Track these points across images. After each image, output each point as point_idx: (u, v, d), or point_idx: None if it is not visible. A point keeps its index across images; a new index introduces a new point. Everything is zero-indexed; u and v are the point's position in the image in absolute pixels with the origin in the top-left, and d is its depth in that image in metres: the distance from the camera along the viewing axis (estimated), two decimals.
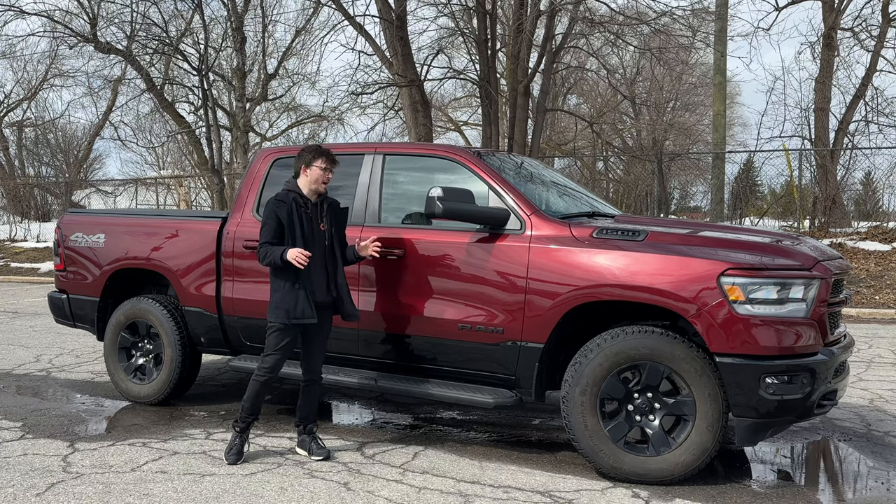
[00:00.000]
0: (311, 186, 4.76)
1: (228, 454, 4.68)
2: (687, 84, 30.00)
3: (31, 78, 31.91)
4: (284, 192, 4.77)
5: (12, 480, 4.30)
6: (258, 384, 4.73)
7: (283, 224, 4.65)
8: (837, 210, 16.54)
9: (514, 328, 4.66)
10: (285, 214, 4.66)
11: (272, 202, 4.73)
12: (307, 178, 4.76)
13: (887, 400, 6.41)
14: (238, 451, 4.70)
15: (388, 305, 5.08)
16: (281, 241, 4.66)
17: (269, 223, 4.68)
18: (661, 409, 4.35)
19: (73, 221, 6.65)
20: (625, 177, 28.84)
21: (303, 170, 4.77)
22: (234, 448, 4.70)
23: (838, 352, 4.44)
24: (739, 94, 41.45)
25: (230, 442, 4.77)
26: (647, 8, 15.78)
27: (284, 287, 4.63)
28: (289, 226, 4.66)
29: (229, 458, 4.66)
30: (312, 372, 4.88)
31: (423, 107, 16.03)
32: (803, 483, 4.67)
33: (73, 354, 8.31)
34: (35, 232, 23.12)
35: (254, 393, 4.74)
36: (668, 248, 4.37)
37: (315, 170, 4.73)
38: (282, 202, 4.70)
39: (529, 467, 4.65)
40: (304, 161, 4.77)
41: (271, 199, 4.76)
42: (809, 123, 18.41)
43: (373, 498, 4.09)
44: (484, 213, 4.74)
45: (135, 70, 21.67)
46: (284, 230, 4.66)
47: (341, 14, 16.44)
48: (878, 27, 17.68)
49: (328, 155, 4.79)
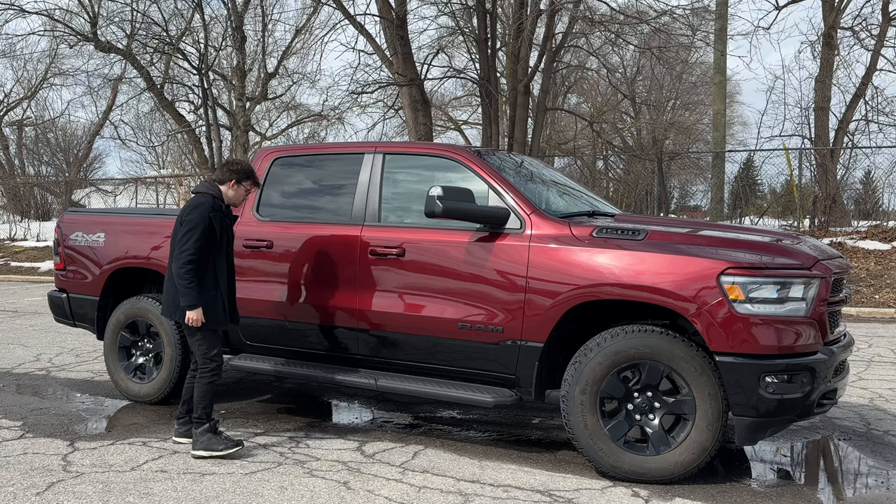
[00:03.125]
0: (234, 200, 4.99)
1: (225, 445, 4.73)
2: (687, 83, 30.03)
3: (31, 77, 31.99)
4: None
5: (12, 480, 4.30)
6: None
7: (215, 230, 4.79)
8: (837, 209, 16.54)
9: (514, 327, 4.66)
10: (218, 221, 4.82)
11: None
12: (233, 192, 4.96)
13: (887, 399, 6.42)
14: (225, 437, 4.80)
15: (388, 305, 5.08)
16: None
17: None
18: (661, 408, 4.35)
19: (73, 220, 6.64)
20: (625, 176, 28.86)
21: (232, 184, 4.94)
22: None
23: (838, 351, 4.44)
24: (739, 93, 41.54)
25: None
26: (648, 7, 15.79)
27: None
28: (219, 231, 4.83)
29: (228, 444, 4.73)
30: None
31: (423, 106, 16.03)
32: (803, 482, 4.67)
33: (72, 353, 8.31)
34: (35, 231, 23.11)
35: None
36: (669, 248, 4.37)
37: (241, 189, 4.96)
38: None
39: (529, 466, 4.65)
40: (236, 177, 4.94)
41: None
42: (809, 122, 18.44)
43: (373, 497, 4.09)
44: (484, 213, 4.74)
45: (135, 69, 21.67)
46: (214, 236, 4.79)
47: (341, 13, 16.46)
48: (878, 26, 17.69)
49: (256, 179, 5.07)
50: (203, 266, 4.72)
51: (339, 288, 5.26)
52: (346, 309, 5.20)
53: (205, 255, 4.72)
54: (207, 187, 4.92)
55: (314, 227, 5.42)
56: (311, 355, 5.50)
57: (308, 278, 5.38)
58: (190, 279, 4.65)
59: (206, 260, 4.73)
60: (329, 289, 5.29)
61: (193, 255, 4.66)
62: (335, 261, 5.28)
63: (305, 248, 5.37)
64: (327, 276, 5.31)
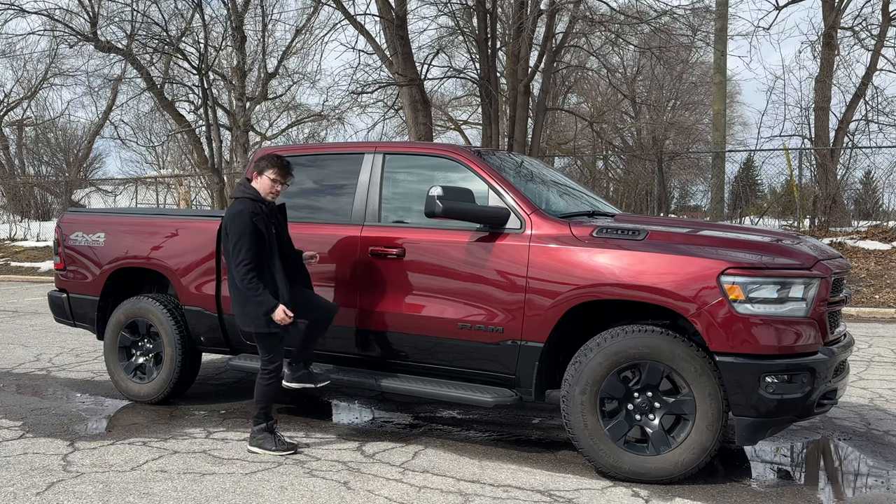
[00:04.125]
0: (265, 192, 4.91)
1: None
2: (687, 83, 30.03)
3: (31, 77, 31.98)
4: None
5: (12, 479, 4.30)
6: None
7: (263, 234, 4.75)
8: (837, 209, 16.54)
9: (514, 327, 4.66)
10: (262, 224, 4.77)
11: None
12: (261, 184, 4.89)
13: (887, 399, 6.42)
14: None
15: (388, 304, 5.08)
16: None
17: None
18: (661, 408, 4.35)
19: (73, 220, 6.64)
20: (625, 176, 28.85)
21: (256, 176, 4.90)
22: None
23: (838, 351, 4.44)
24: (740, 93, 41.52)
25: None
26: (648, 7, 15.80)
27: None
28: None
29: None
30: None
31: (423, 106, 16.02)
32: (803, 482, 4.67)
33: (73, 353, 8.31)
34: (35, 231, 23.12)
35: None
36: (669, 248, 4.37)
37: (265, 179, 4.87)
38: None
39: (529, 466, 4.65)
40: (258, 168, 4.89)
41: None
42: (809, 122, 18.44)
43: (373, 497, 4.09)
44: (484, 213, 4.74)
45: (135, 69, 21.66)
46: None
47: (341, 13, 16.46)
48: (879, 26, 17.69)
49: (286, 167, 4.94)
50: (260, 271, 4.70)
51: (339, 288, 5.27)
52: (345, 309, 5.20)
53: (257, 259, 4.70)
54: (242, 190, 4.88)
55: (314, 227, 5.42)
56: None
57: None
58: (255, 286, 4.65)
59: (259, 264, 4.71)
60: (329, 288, 5.29)
61: (250, 263, 4.65)
62: (335, 261, 5.28)
63: (306, 248, 5.37)
64: (327, 275, 5.31)
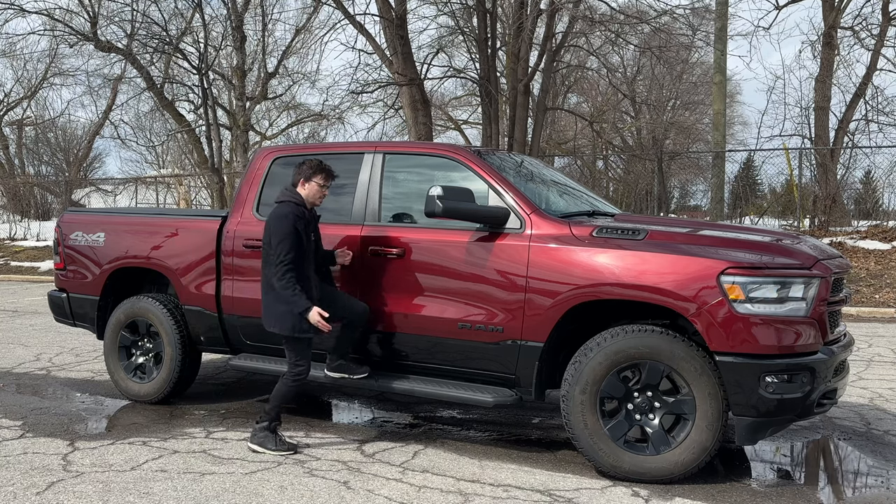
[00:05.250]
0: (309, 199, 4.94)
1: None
2: (687, 83, 30.00)
3: (31, 76, 31.97)
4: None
5: (12, 479, 4.30)
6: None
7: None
8: (837, 209, 16.53)
9: (514, 327, 4.66)
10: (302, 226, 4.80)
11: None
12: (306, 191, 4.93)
13: (887, 399, 6.42)
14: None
15: (388, 304, 5.08)
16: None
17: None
18: (661, 407, 4.35)
19: (72, 220, 6.64)
20: (625, 176, 28.83)
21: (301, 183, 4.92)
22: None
23: (838, 351, 4.44)
24: (740, 93, 41.51)
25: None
26: (648, 7, 15.80)
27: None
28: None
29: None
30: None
31: (423, 105, 16.03)
32: (803, 482, 4.67)
33: (72, 353, 8.31)
34: (35, 231, 23.10)
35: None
36: (669, 247, 4.37)
37: (313, 185, 4.90)
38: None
39: (529, 466, 4.65)
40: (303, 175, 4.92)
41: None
42: (810, 122, 18.44)
43: (372, 496, 4.09)
44: (484, 212, 4.74)
45: (135, 69, 21.66)
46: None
47: (341, 13, 16.45)
48: (879, 26, 17.68)
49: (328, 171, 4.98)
50: (297, 273, 4.73)
51: (339, 287, 5.26)
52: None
53: (297, 261, 4.73)
54: (288, 195, 4.91)
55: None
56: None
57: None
58: (293, 287, 4.69)
59: (297, 266, 4.74)
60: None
61: (290, 265, 4.69)
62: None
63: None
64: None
